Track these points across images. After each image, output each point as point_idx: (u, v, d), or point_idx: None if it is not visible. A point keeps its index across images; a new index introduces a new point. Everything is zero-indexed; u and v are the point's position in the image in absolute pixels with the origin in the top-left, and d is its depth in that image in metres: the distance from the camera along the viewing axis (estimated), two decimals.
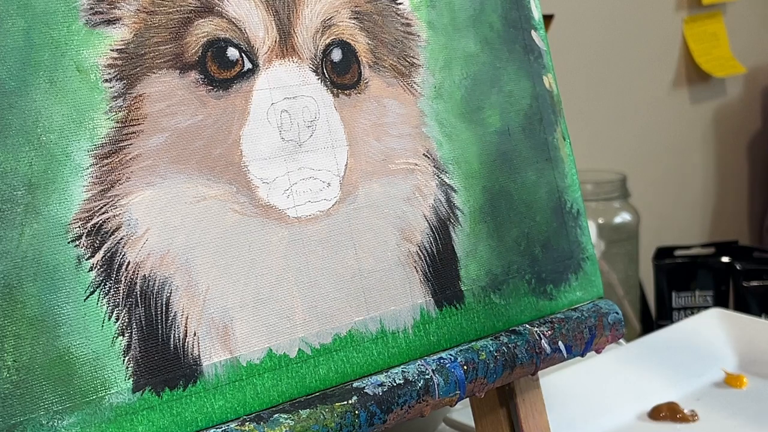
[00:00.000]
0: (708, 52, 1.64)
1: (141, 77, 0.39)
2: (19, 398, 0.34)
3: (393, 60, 0.47)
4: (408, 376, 0.43)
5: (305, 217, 0.43)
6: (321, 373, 0.42)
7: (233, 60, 0.41)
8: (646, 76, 1.56)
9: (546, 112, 0.54)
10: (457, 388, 0.44)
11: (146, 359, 0.37)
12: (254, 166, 0.41)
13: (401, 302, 0.45)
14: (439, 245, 0.48)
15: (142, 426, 0.37)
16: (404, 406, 0.42)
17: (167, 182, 0.39)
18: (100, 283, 0.37)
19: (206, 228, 0.40)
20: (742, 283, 1.32)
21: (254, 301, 0.41)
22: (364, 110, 0.46)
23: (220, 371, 0.39)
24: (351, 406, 0.40)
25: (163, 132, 0.39)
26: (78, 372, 0.36)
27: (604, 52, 1.47)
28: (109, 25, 0.38)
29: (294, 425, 0.38)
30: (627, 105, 1.52)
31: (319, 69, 0.44)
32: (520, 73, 0.53)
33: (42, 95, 0.36)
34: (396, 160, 0.47)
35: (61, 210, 0.36)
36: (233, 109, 0.41)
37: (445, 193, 0.48)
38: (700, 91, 1.67)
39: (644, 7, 1.53)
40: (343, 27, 0.45)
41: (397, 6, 0.48)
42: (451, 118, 0.49)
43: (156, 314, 0.38)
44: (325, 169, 0.44)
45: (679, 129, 1.63)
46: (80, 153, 0.37)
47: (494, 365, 0.46)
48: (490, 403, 0.54)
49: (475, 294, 0.49)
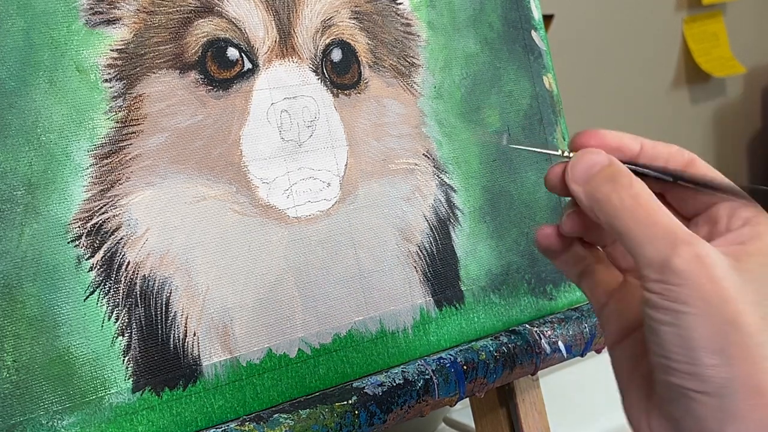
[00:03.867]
0: (708, 52, 1.64)
1: (141, 77, 0.39)
2: (19, 398, 0.34)
3: (393, 60, 0.47)
4: (408, 376, 0.43)
5: (305, 217, 0.43)
6: (321, 373, 0.42)
7: (233, 60, 0.41)
8: (646, 76, 1.56)
9: (546, 112, 0.54)
10: (456, 388, 0.44)
11: (146, 359, 0.37)
12: (254, 166, 0.41)
13: (401, 302, 0.45)
14: (439, 245, 0.47)
15: (142, 426, 0.37)
16: (404, 406, 0.42)
17: (167, 182, 0.39)
18: (99, 283, 0.37)
19: (206, 228, 0.40)
20: None
21: (254, 301, 0.41)
22: (364, 110, 0.46)
23: (219, 371, 0.39)
24: (351, 406, 0.40)
25: (162, 132, 0.39)
26: (78, 372, 0.36)
27: (604, 52, 1.47)
28: (108, 25, 0.38)
29: (294, 425, 0.38)
30: (627, 105, 1.52)
31: (319, 69, 0.44)
32: (519, 73, 0.53)
33: (42, 95, 0.36)
34: (396, 160, 0.47)
35: (61, 210, 0.36)
36: (233, 109, 0.41)
37: (445, 193, 0.48)
38: (700, 91, 1.67)
39: (644, 7, 1.53)
40: (343, 27, 0.45)
41: (397, 6, 0.48)
42: (451, 118, 0.49)
43: (156, 314, 0.38)
44: (325, 169, 0.44)
45: (679, 129, 1.63)
46: (80, 153, 0.37)
47: (494, 365, 0.46)
48: (490, 403, 0.54)
49: (475, 294, 0.49)
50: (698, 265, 0.36)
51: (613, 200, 0.39)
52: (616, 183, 0.39)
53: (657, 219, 0.37)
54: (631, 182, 0.38)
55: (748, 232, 0.38)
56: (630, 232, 0.38)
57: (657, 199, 0.38)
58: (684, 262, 0.36)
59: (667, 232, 0.37)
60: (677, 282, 0.37)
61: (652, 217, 0.37)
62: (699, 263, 0.36)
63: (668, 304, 0.37)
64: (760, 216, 0.38)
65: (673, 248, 0.37)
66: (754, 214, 0.38)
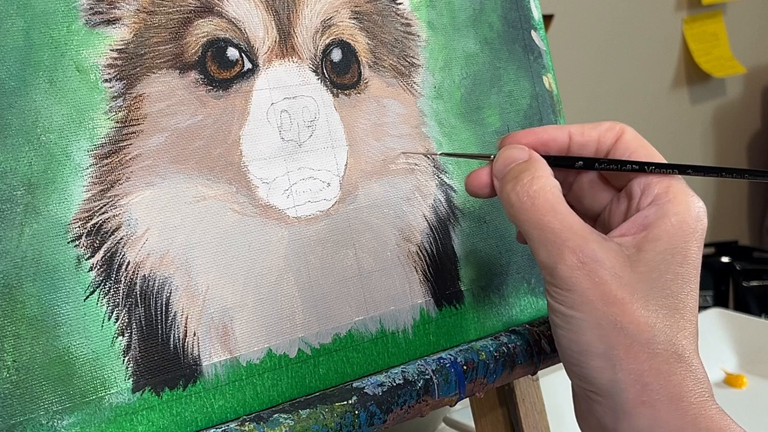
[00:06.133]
0: (708, 52, 1.64)
1: (141, 77, 0.39)
2: (19, 398, 0.34)
3: (393, 60, 0.47)
4: (408, 376, 0.43)
5: (305, 217, 0.43)
6: (321, 373, 0.42)
7: (233, 60, 0.41)
8: (646, 76, 1.56)
9: (546, 112, 0.54)
10: (456, 388, 0.44)
11: (146, 359, 0.37)
12: (254, 166, 0.41)
13: (401, 302, 0.45)
14: (438, 245, 0.47)
15: (142, 426, 0.37)
16: (404, 406, 0.42)
17: (167, 182, 0.39)
18: (99, 283, 0.37)
19: (206, 228, 0.40)
20: (741, 283, 1.32)
21: (254, 301, 0.41)
22: (363, 110, 0.46)
23: (219, 371, 0.39)
24: (351, 406, 0.40)
25: (162, 132, 0.39)
26: (78, 372, 0.36)
27: (604, 52, 1.47)
28: (108, 25, 0.38)
29: (294, 425, 0.38)
30: (627, 105, 1.52)
31: (319, 69, 0.44)
32: (519, 73, 0.53)
33: (42, 95, 0.36)
34: (396, 160, 0.47)
35: (61, 210, 0.36)
36: (233, 109, 0.41)
37: (445, 193, 0.48)
38: (700, 91, 1.67)
39: (644, 7, 1.53)
40: (343, 27, 0.45)
41: (397, 6, 0.48)
42: (451, 118, 0.49)
43: (156, 314, 0.38)
44: (324, 169, 0.44)
45: (679, 129, 1.63)
46: (80, 153, 0.37)
47: (494, 365, 0.46)
48: (490, 403, 0.54)
49: (474, 294, 0.49)
50: (582, 271, 0.36)
51: (512, 199, 0.39)
52: (517, 181, 0.39)
53: (547, 223, 0.37)
54: (533, 180, 0.38)
55: (654, 213, 0.38)
56: (526, 233, 0.38)
57: (557, 198, 0.38)
58: (568, 269, 0.36)
59: (555, 237, 0.37)
60: (565, 287, 0.37)
61: (543, 220, 0.37)
62: (583, 269, 0.36)
63: (559, 308, 0.37)
64: (671, 190, 0.38)
65: (559, 255, 0.37)
66: (665, 189, 0.38)
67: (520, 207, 0.38)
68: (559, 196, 0.38)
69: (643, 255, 0.36)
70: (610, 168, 0.39)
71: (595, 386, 0.37)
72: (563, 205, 0.37)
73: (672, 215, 0.37)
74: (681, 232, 0.36)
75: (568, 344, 0.37)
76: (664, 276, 0.36)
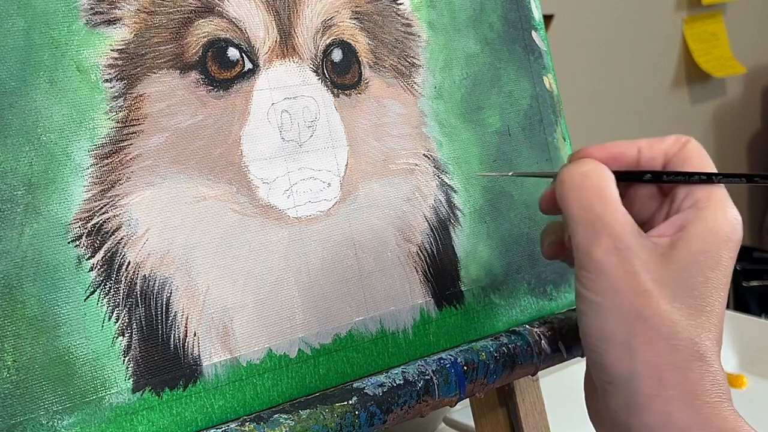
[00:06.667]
0: (708, 52, 1.64)
1: (141, 77, 0.39)
2: (19, 398, 0.34)
3: (393, 60, 0.47)
4: (408, 377, 0.43)
5: (305, 218, 0.43)
6: (321, 373, 0.42)
7: (234, 60, 0.41)
8: (646, 76, 1.57)
9: (546, 112, 0.54)
10: (456, 389, 0.44)
11: (146, 359, 0.37)
12: (254, 166, 0.41)
13: (401, 302, 0.45)
14: (439, 245, 0.47)
15: (142, 426, 0.37)
16: (404, 407, 0.42)
17: (167, 182, 0.39)
18: (100, 283, 0.37)
19: (206, 228, 0.40)
20: (741, 283, 1.32)
21: (254, 301, 0.41)
22: (364, 110, 0.46)
23: (220, 371, 0.39)
24: (351, 406, 0.40)
25: (163, 132, 0.39)
26: (78, 372, 0.36)
27: (604, 52, 1.47)
28: (109, 25, 0.38)
29: (294, 425, 0.38)
30: (627, 105, 1.52)
31: (320, 69, 0.44)
32: (520, 74, 0.53)
33: (42, 95, 0.36)
34: (396, 161, 0.47)
35: (61, 210, 0.36)
36: (233, 109, 0.41)
37: (445, 193, 0.48)
38: (700, 91, 1.67)
39: (644, 7, 1.53)
40: (343, 27, 0.45)
41: (398, 6, 0.48)
42: (451, 118, 0.49)
43: (156, 314, 0.38)
44: (325, 170, 0.44)
45: (679, 129, 1.63)
46: (80, 153, 0.37)
47: (494, 365, 0.46)
48: (490, 403, 0.54)
49: (475, 294, 0.49)
50: (616, 257, 0.36)
51: (564, 176, 0.40)
52: (574, 164, 0.40)
53: (592, 204, 0.38)
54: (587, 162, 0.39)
55: (692, 215, 0.38)
56: (569, 211, 0.39)
57: (608, 185, 0.38)
58: (602, 253, 0.37)
59: (596, 219, 0.37)
60: (594, 271, 0.37)
61: (589, 200, 0.38)
62: (617, 255, 0.36)
63: (587, 294, 0.38)
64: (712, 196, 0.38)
65: (596, 237, 0.37)
66: (707, 195, 0.38)
67: (570, 183, 0.38)
68: (610, 184, 0.38)
69: (675, 253, 0.37)
70: (677, 180, 0.40)
71: (612, 376, 0.37)
72: (612, 193, 0.38)
73: (709, 220, 0.37)
74: (715, 237, 0.37)
75: (591, 331, 0.37)
76: (694, 278, 0.36)
